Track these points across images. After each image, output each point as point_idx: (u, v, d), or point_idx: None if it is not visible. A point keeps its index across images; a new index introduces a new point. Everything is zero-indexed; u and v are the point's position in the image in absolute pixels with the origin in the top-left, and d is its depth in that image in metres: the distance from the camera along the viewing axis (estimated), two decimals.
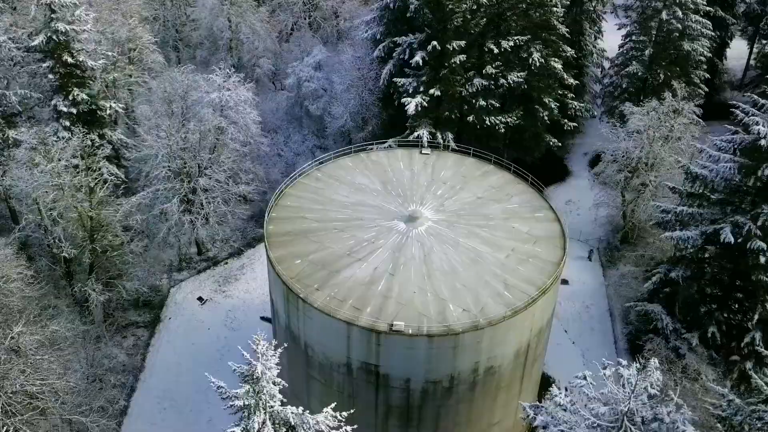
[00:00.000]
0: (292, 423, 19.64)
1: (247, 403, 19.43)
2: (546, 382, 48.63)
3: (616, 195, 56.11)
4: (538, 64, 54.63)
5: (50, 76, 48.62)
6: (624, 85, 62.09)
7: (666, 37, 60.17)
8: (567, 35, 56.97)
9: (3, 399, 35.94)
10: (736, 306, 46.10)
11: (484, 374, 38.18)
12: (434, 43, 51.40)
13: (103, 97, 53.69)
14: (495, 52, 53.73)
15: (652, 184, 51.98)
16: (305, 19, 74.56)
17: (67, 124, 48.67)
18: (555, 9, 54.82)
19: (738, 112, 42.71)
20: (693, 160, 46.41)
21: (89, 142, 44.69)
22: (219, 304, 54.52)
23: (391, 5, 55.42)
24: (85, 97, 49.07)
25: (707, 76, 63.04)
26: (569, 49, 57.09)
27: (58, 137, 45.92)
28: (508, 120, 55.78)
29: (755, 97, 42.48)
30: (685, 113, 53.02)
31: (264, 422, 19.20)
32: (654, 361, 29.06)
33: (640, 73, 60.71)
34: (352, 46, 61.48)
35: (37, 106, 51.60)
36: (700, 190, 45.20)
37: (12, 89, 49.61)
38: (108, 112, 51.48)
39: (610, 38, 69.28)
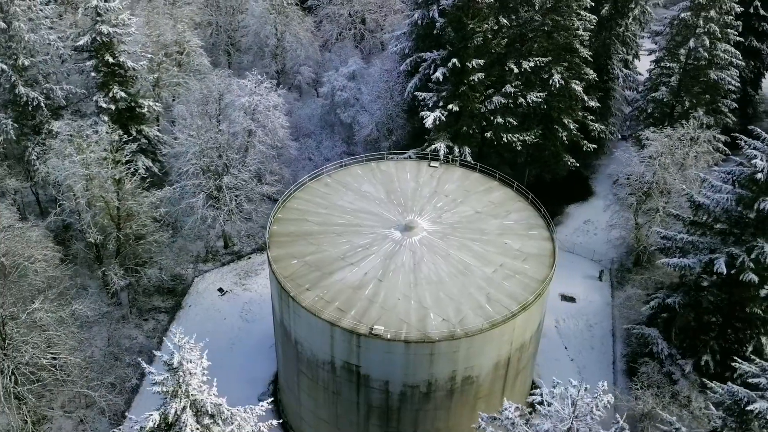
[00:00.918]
0: (209, 411, 20.46)
1: (166, 389, 20.37)
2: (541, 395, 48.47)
3: (630, 218, 55.14)
4: (558, 85, 54.21)
5: (93, 74, 50.84)
6: (649, 110, 60.96)
7: (694, 65, 58.84)
8: (590, 58, 56.26)
9: (11, 367, 38.06)
10: (731, 336, 44.99)
11: (462, 383, 38.32)
12: (454, 60, 51.65)
13: (146, 96, 55.85)
14: (515, 71, 53.58)
15: (662, 209, 50.93)
16: (350, 30, 75.65)
17: (106, 119, 50.79)
18: (579, 32, 54.23)
19: (743, 143, 41.84)
20: (697, 189, 45.39)
21: (117, 137, 46.35)
22: (237, 296, 55.94)
23: (419, 22, 55.94)
24: (123, 95, 51.12)
25: (735, 105, 61.17)
26: (591, 72, 56.39)
27: (96, 131, 47.91)
28: (526, 138, 55.51)
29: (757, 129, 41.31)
30: (701, 142, 51.83)
31: (184, 408, 20.09)
32: (603, 384, 28.91)
33: (665, 99, 59.47)
34: (382, 59, 62.19)
35: (82, 101, 53.94)
36: (703, 219, 44.32)
37: (59, 85, 52.13)
38: (145, 110, 53.30)
39: (647, 62, 68.11)
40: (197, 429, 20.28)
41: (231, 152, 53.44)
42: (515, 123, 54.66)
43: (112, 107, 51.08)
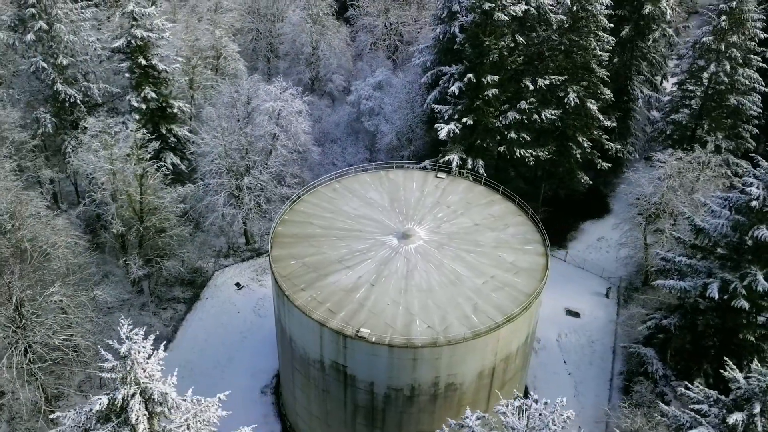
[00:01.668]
0: (156, 399, 21.24)
1: (115, 376, 21.23)
2: None
3: (639, 237, 54.35)
4: (573, 103, 53.79)
5: (127, 75, 52.63)
6: (668, 132, 59.93)
7: (715, 89, 57.62)
8: (606, 79, 55.63)
9: (24, 345, 39.77)
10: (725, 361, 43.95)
11: (445, 389, 38.48)
12: (470, 75, 51.77)
13: (177, 97, 57.50)
14: (531, 88, 53.39)
15: (668, 230, 50.09)
16: (384, 40, 76.31)
17: (137, 117, 52.53)
18: (596, 53, 53.70)
19: (750, 169, 41.08)
20: (700, 213, 44.57)
21: (140, 135, 47.86)
22: (253, 291, 57.04)
23: (441, 37, 56.20)
24: (154, 95, 52.73)
25: (756, 131, 59.61)
26: (607, 92, 55.74)
27: (122, 129, 49.61)
28: (540, 154, 55.24)
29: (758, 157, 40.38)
30: (712, 166, 50.82)
31: (133, 395, 20.92)
32: (562, 399, 28.85)
33: (685, 122, 58.38)
34: (405, 70, 62.66)
35: (117, 99, 55.85)
36: (704, 243, 43.54)
37: (96, 84, 54.14)
38: (175, 110, 54.86)
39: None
40: (145, 415, 21.10)
41: (253, 154, 54.62)
42: (529, 139, 54.40)
43: (143, 106, 52.73)
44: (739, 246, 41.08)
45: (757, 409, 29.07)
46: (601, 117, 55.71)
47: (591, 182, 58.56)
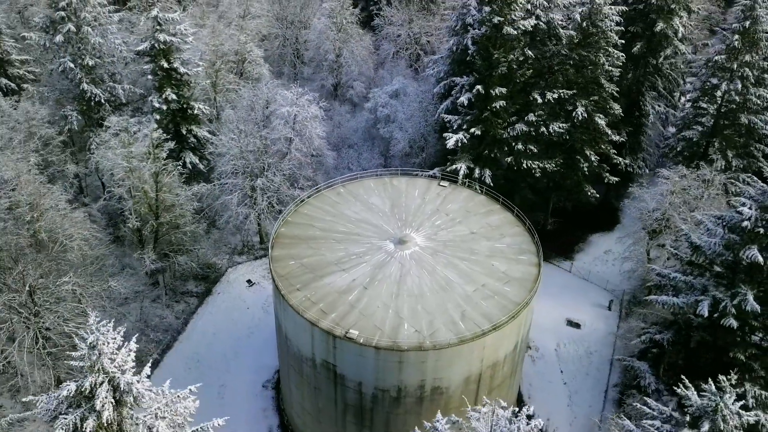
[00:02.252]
0: (122, 388, 21.93)
1: (83, 364, 21.98)
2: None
3: (641, 251, 53.78)
4: (580, 117, 53.50)
5: (150, 77, 53.95)
6: (679, 148, 59.13)
7: (727, 108, 56.71)
8: (615, 94, 55.17)
9: (35, 330, 41.07)
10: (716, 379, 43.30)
11: (431, 392, 38.66)
12: (479, 87, 51.89)
13: (201, 98, 58.74)
14: (539, 101, 53.25)
15: (668, 246, 49.45)
16: (406, 50, 76.67)
17: (157, 117, 53.81)
18: (606, 68, 53.31)
19: (745, 189, 40.54)
20: (696, 231, 43.97)
21: (157, 135, 49.00)
22: (263, 289, 57.84)
23: (455, 48, 56.34)
24: (174, 97, 53.93)
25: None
26: (617, 106, 55.22)
27: (144, 127, 50.87)
28: (547, 166, 55.04)
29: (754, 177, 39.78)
30: (716, 184, 50.08)
31: (102, 383, 21.64)
32: (529, 408, 28.85)
33: (695, 139, 57.58)
34: (419, 80, 62.97)
35: (141, 100, 57.25)
36: (700, 261, 43.00)
37: (121, 84, 55.62)
38: (196, 111, 56.03)
39: None
40: (111, 402, 21.81)
41: (267, 156, 55.48)
42: (536, 150, 54.24)
43: (164, 107, 53.98)
44: (733, 265, 40.56)
45: (705, 427, 28.88)
46: (609, 131, 55.23)
47: (598, 195, 58.09)
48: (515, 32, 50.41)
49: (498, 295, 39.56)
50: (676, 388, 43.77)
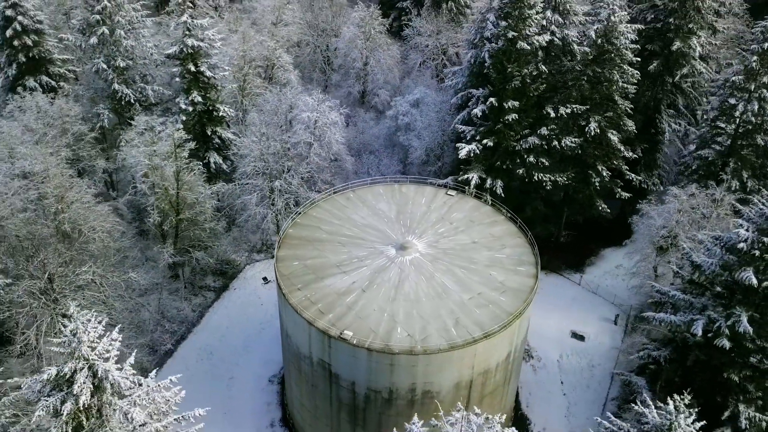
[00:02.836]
0: (99, 375, 22.71)
1: (64, 351, 22.81)
2: (522, 422, 48.01)
3: (649, 267, 53.05)
4: (593, 133, 53.04)
5: (178, 79, 55.28)
6: (694, 167, 58.09)
7: (745, 128, 55.53)
8: (629, 111, 54.52)
9: (53, 317, 42.45)
10: (710, 398, 42.52)
11: (422, 396, 38.84)
12: (492, 99, 51.89)
13: (227, 101, 59.95)
14: (552, 115, 52.97)
15: (674, 263, 48.73)
16: (433, 60, 76.85)
17: (183, 118, 55.10)
18: (620, 85, 52.76)
19: (745, 210, 39.80)
20: (696, 250, 43.27)
21: (178, 136, 50.12)
22: None
23: (473, 61, 56.36)
24: (200, 99, 55.14)
25: None
26: (630, 123, 54.56)
27: (166, 127, 52.15)
28: (558, 179, 54.68)
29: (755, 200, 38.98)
30: (724, 204, 49.12)
31: (81, 369, 22.45)
32: (500, 417, 28.84)
33: (711, 158, 56.51)
34: (437, 90, 63.15)
35: (170, 101, 58.65)
36: (701, 280, 42.33)
37: (151, 85, 57.12)
38: (221, 113, 57.17)
39: None
40: (90, 388, 22.61)
41: (287, 160, 56.32)
42: (547, 164, 53.93)
43: (190, 109, 55.26)
44: (731, 285, 39.84)
45: None
46: (621, 148, 54.62)
47: (609, 210, 57.47)
48: (529, 47, 50.25)
49: (492, 304, 39.56)
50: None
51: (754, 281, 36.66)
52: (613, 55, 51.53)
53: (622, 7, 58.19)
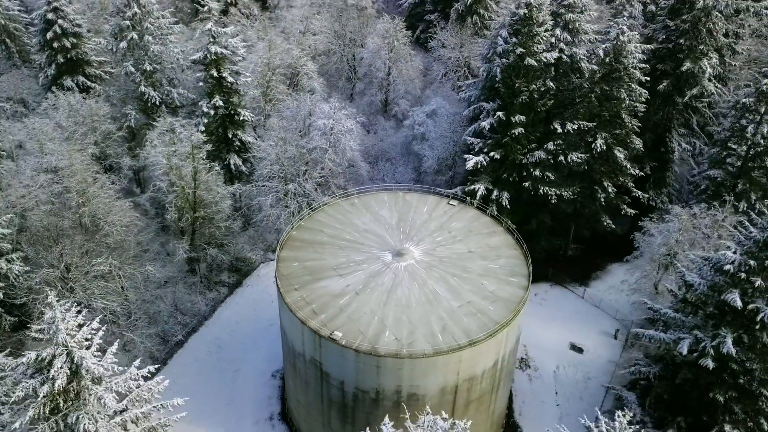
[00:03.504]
0: (76, 361, 23.62)
1: (43, 337, 23.82)
2: (514, 430, 47.91)
3: (650, 284, 52.36)
4: (599, 149, 52.65)
5: (201, 84, 56.64)
6: (703, 186, 57.11)
7: (755, 150, 54.40)
8: (637, 129, 53.91)
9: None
10: (698, 417, 41.84)
11: (408, 398, 39.03)
12: (500, 113, 51.95)
13: (250, 106, 61.13)
14: (559, 131, 52.74)
15: (669, 282, 48.08)
16: (455, 72, 76.99)
17: (206, 121, 56.43)
18: (627, 103, 52.23)
19: (735, 233, 39.20)
20: (690, 269, 42.65)
21: (195, 138, 51.32)
22: None
23: (485, 75, 56.42)
24: (221, 103, 56.37)
25: None
26: (638, 141, 53.91)
27: (187, 129, 53.45)
28: (564, 193, 54.38)
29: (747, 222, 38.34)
30: (726, 226, 48.24)
31: (60, 355, 23.40)
32: (466, 423, 29.00)
33: (720, 179, 55.50)
34: (452, 102, 63.35)
35: (194, 104, 60.07)
36: (693, 299, 41.75)
37: (176, 89, 58.61)
38: (242, 117, 58.36)
39: None
40: (66, 373, 23.57)
41: (301, 164, 57.17)
42: (553, 178, 53.69)
43: (212, 112, 56.55)
44: (721, 306, 39.22)
45: None
46: (628, 165, 54.05)
47: (613, 226, 56.90)
48: (537, 64, 50.17)
49: (481, 313, 39.63)
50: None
51: (739, 303, 36.09)
52: (621, 73, 51.02)
53: (635, 27, 57.93)
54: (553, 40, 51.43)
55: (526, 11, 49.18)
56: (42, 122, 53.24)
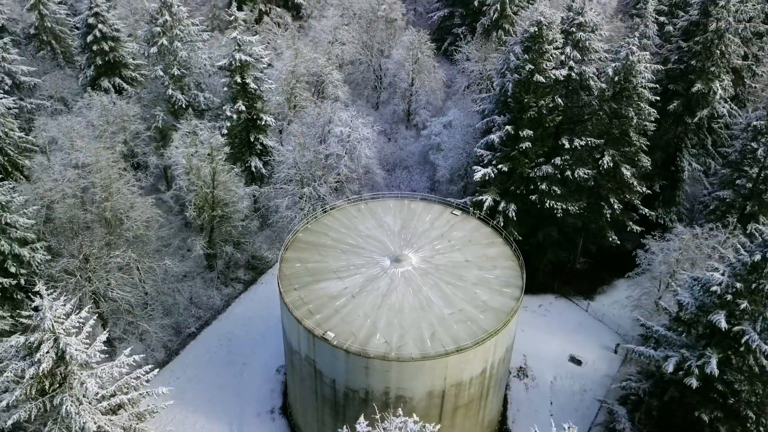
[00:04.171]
0: (61, 347, 24.63)
1: (30, 323, 24.88)
2: None
3: (651, 301, 51.64)
4: (606, 166, 52.17)
5: (225, 89, 57.96)
6: (712, 207, 56.04)
7: (766, 174, 53.19)
8: (645, 147, 53.22)
9: (83, 291, 45.55)
10: None
11: (396, 400, 39.39)
12: (508, 127, 51.91)
13: (274, 111, 62.26)
14: (566, 147, 52.43)
15: (673, 297, 47.29)
16: (478, 84, 76.92)
17: (228, 124, 57.72)
18: (635, 122, 51.64)
19: (726, 254, 38.56)
20: (684, 288, 42.00)
21: (214, 141, 52.46)
22: None
23: (499, 89, 56.33)
24: (244, 108, 57.58)
25: None
26: (645, 159, 53.19)
27: (209, 131, 54.73)
28: (570, 208, 53.97)
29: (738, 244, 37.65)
30: (727, 247, 47.25)
31: (47, 340, 24.45)
32: (435, 426, 29.18)
33: (728, 200, 54.44)
34: (467, 113, 63.42)
35: (220, 108, 61.43)
36: (685, 318, 41.14)
37: (203, 93, 60.09)
38: (263, 122, 59.46)
39: None
40: (52, 357, 24.63)
41: (317, 169, 57.98)
42: (559, 192, 53.35)
43: (235, 116, 57.81)
44: (710, 327, 38.58)
45: None
46: (635, 183, 53.40)
47: (618, 242, 56.20)
48: (545, 80, 50.02)
49: (471, 321, 39.75)
50: None
51: (724, 325, 35.49)
52: (630, 93, 50.49)
53: (648, 46, 57.23)
54: (563, 57, 51.15)
55: (537, 29, 49.10)
56: (75, 120, 55.16)
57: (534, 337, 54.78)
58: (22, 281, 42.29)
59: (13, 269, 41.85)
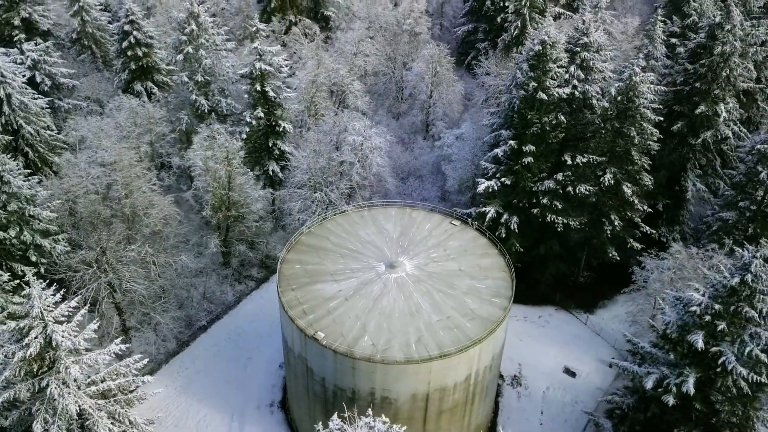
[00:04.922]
0: (49, 333, 25.74)
1: (21, 312, 26.06)
2: None
3: (645, 318, 50.90)
4: (607, 183, 51.74)
5: (246, 96, 59.27)
6: (715, 227, 55.03)
7: None
8: (647, 166, 52.58)
9: (99, 282, 47.09)
10: None
11: (381, 401, 39.84)
12: (512, 142, 51.94)
13: (293, 119, 63.40)
14: (569, 163, 52.17)
15: (660, 315, 46.61)
16: (495, 99, 76.83)
17: (248, 130, 59.01)
18: (638, 141, 51.12)
19: (710, 275, 38.01)
20: (671, 306, 41.41)
21: (231, 146, 53.71)
22: None
23: (507, 104, 56.40)
24: (262, 115, 58.81)
25: None
26: (647, 178, 52.53)
27: (225, 136, 56.06)
28: (571, 222, 53.66)
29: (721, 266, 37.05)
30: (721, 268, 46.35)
31: (36, 326, 25.59)
32: (401, 428, 29.47)
33: (731, 221, 53.43)
34: (476, 127, 63.48)
35: (241, 114, 62.81)
36: (672, 336, 40.58)
37: (226, 99, 61.54)
38: (281, 128, 60.60)
39: None
40: (39, 343, 25.79)
41: (329, 175, 58.81)
42: (560, 206, 53.09)
43: (254, 122, 59.08)
44: (690, 346, 38.02)
45: None
46: (636, 201, 52.81)
47: (618, 258, 55.58)
48: (548, 98, 49.91)
49: (458, 328, 39.93)
50: None
51: (701, 345, 35.00)
52: (632, 112, 50.02)
53: (655, 67, 56.58)
54: (567, 76, 50.96)
55: (541, 48, 49.07)
56: (105, 121, 57.10)
57: (531, 347, 54.55)
58: (42, 270, 44.02)
59: (34, 258, 43.60)
